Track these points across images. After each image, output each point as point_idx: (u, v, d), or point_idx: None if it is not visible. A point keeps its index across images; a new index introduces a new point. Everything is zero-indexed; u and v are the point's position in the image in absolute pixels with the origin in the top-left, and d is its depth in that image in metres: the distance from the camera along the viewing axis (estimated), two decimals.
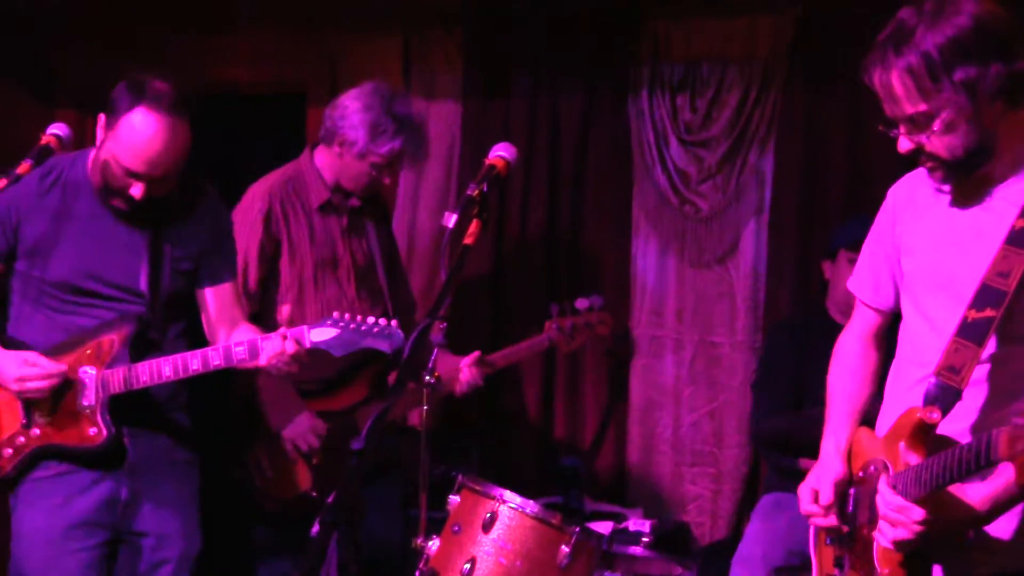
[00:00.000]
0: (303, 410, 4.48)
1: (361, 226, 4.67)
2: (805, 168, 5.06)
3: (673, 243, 5.24)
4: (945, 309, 2.81)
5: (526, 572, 3.74)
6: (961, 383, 2.69)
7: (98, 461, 3.79)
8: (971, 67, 2.61)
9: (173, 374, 3.65)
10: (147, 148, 3.60)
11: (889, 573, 2.72)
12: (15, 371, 3.69)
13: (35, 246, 3.79)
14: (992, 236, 2.75)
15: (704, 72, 5.16)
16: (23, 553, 3.82)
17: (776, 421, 4.47)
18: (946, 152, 2.72)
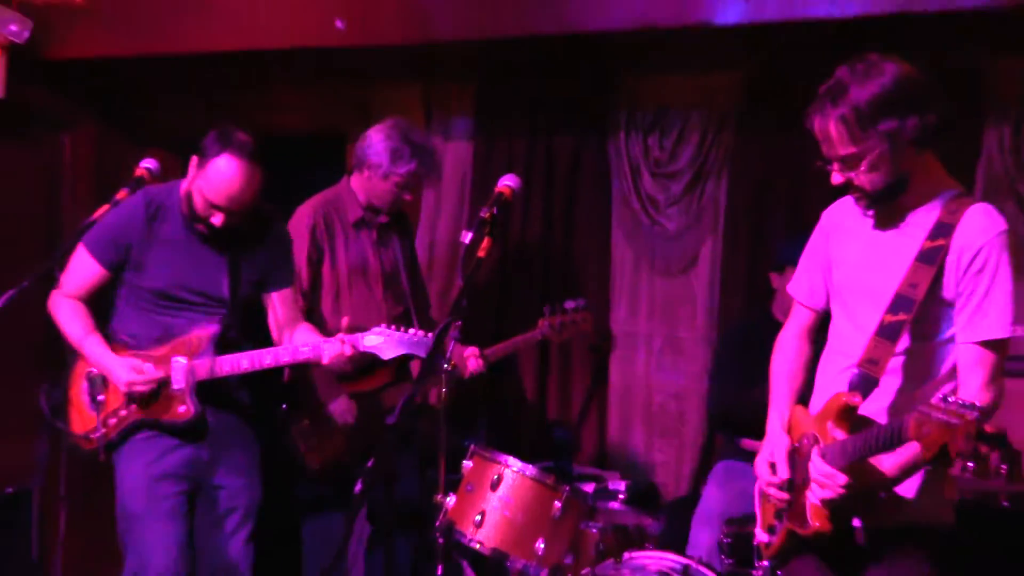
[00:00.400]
0: (342, 393, 4.53)
1: (388, 239, 4.74)
2: (752, 196, 5.10)
3: (645, 256, 5.30)
4: (866, 312, 2.88)
5: (526, 523, 3.80)
6: (879, 373, 2.77)
7: (186, 432, 3.89)
8: (892, 120, 2.70)
9: (250, 366, 3.81)
10: (228, 187, 3.73)
11: (819, 526, 2.80)
12: (126, 376, 3.82)
13: (139, 261, 3.90)
14: (905, 254, 2.82)
15: (670, 118, 5.20)
16: (126, 498, 3.92)
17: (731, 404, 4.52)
18: (870, 186, 2.79)
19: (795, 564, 3.03)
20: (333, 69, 5.47)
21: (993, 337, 2.76)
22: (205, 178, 3.76)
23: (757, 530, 3.14)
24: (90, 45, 5.14)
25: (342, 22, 4.67)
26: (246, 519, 4.04)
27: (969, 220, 2.78)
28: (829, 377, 3.01)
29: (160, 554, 3.85)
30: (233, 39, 4.90)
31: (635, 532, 4.11)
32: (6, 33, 4.86)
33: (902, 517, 2.86)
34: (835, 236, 3.07)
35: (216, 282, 3.91)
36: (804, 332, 3.23)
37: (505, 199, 3.16)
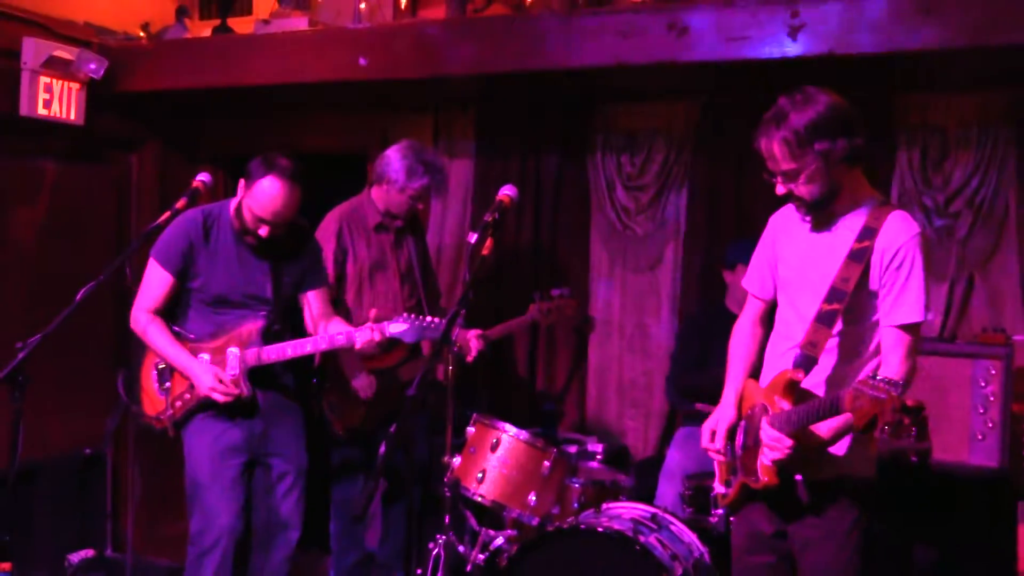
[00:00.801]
0: (364, 370, 4.52)
1: (403, 241, 4.73)
2: (707, 206, 5.07)
3: (618, 256, 5.25)
4: (806, 303, 2.90)
5: (520, 479, 3.82)
6: (818, 353, 2.79)
7: (238, 411, 3.89)
8: (825, 141, 2.73)
9: (293, 353, 3.82)
10: (272, 203, 3.74)
11: (768, 480, 2.83)
12: (207, 382, 3.81)
13: (197, 268, 3.89)
14: (837, 253, 2.84)
15: (639, 141, 5.16)
16: (195, 468, 3.94)
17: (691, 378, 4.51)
18: (808, 196, 2.82)
19: (747, 511, 3.05)
20: (357, 99, 5.44)
21: (909, 321, 2.80)
22: (252, 197, 3.77)
23: (716, 484, 3.15)
24: (155, 79, 5.14)
25: (365, 60, 4.65)
26: (297, 482, 4.05)
27: (890, 224, 2.82)
28: (776, 356, 3.02)
29: (223, 516, 3.88)
30: (274, 74, 4.87)
31: (610, 486, 4.12)
32: (87, 71, 4.86)
33: (834, 471, 2.89)
34: (780, 238, 3.08)
35: (262, 285, 3.93)
36: (756, 319, 3.23)
37: (505, 206, 3.17)
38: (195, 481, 3.92)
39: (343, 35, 4.78)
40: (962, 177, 4.51)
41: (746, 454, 2.94)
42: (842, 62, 4.00)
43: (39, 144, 5.02)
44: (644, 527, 3.58)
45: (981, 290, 4.52)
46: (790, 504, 2.92)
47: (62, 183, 5.17)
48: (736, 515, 3.10)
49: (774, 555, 3.00)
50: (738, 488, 2.99)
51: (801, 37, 3.98)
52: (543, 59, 4.37)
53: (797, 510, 2.92)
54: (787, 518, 2.95)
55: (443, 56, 4.54)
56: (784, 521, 2.96)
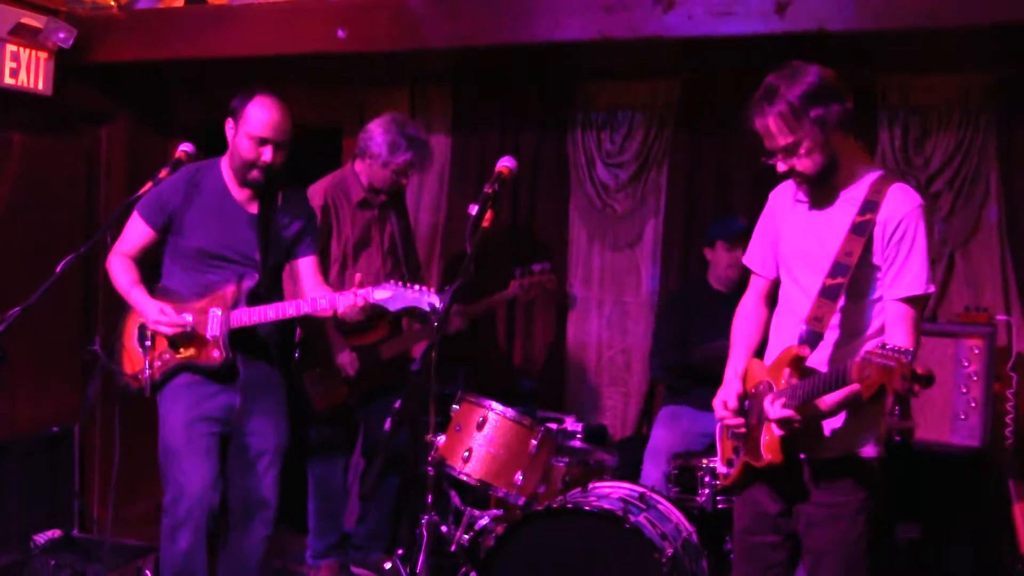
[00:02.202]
0: (346, 347, 4.44)
1: (386, 216, 4.65)
2: (687, 183, 5.03)
3: (597, 233, 5.21)
4: (809, 277, 2.86)
5: (507, 458, 3.76)
6: (823, 328, 2.75)
7: (218, 376, 3.76)
8: (820, 108, 2.71)
9: (275, 316, 3.64)
10: (270, 117, 3.65)
11: (772, 458, 2.79)
12: (153, 315, 3.69)
13: (181, 224, 3.77)
14: (839, 227, 2.81)
15: (619, 117, 5.11)
16: (168, 436, 3.81)
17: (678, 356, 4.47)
18: (810, 169, 2.79)
19: (749, 492, 3.01)
20: (333, 72, 5.32)
21: (913, 293, 2.78)
22: (247, 123, 3.66)
23: (717, 463, 3.10)
24: (125, 50, 4.97)
25: (344, 31, 4.53)
26: (275, 460, 3.92)
27: (892, 197, 2.79)
28: (781, 333, 2.98)
29: (195, 485, 3.76)
30: (250, 46, 4.74)
31: (595, 465, 4.08)
32: (55, 40, 4.69)
33: (839, 450, 2.86)
34: (780, 214, 3.05)
35: (248, 244, 3.77)
36: (760, 297, 3.18)
37: (504, 177, 3.09)
38: (168, 448, 3.80)
39: (321, 6, 4.65)
40: (943, 157, 4.50)
41: (750, 433, 2.90)
42: (826, 40, 3.96)
43: (5, 115, 4.86)
44: (633, 507, 3.55)
45: (961, 270, 4.53)
46: (795, 483, 2.89)
47: (30, 155, 5.02)
48: (738, 495, 3.06)
49: (778, 535, 2.96)
50: (741, 468, 2.95)
51: (788, 13, 3.93)
52: (526, 33, 4.29)
53: (802, 489, 2.89)
54: (792, 498, 2.92)
55: (423, 29, 4.44)
56: (788, 501, 2.93)
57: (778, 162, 2.82)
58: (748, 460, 2.89)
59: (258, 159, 3.67)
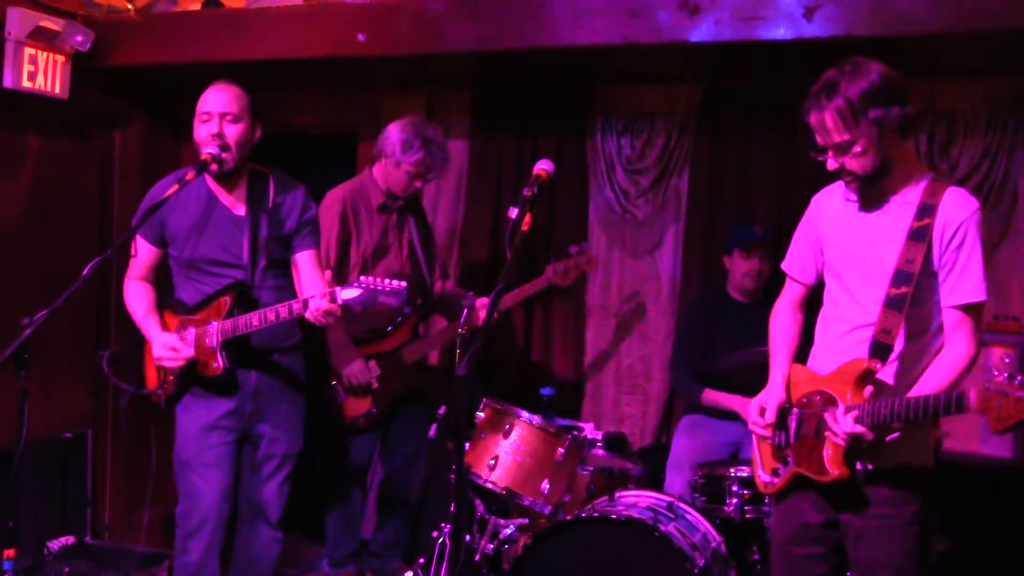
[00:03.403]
0: (358, 357, 4.39)
1: (405, 221, 4.60)
2: (708, 190, 4.97)
3: (617, 240, 5.15)
4: (860, 283, 2.81)
5: (533, 466, 3.71)
6: (893, 340, 2.70)
7: (223, 387, 3.71)
8: (879, 109, 2.63)
9: (259, 323, 3.55)
10: (209, 93, 3.65)
11: (839, 473, 2.72)
12: (158, 351, 3.67)
13: (174, 233, 3.73)
14: (894, 233, 2.76)
15: (640, 123, 5.06)
16: (181, 445, 3.78)
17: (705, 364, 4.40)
18: (860, 170, 2.72)
19: (791, 501, 2.93)
20: (349, 77, 5.27)
21: (972, 301, 2.72)
22: (196, 110, 3.67)
23: (759, 471, 3.01)
24: (141, 53, 4.94)
25: (364, 35, 4.49)
26: (282, 465, 3.87)
27: (948, 201, 2.73)
28: (831, 340, 2.90)
29: (206, 496, 3.73)
30: (267, 49, 4.70)
31: (619, 474, 4.01)
32: (73, 43, 4.66)
33: (892, 459, 2.78)
34: (824, 219, 2.98)
35: (238, 247, 3.71)
36: (796, 303, 3.13)
37: (542, 180, 3.01)
38: (181, 460, 3.78)
39: (341, 10, 4.61)
40: (970, 163, 4.45)
41: (803, 444, 2.83)
42: (853, 45, 3.91)
43: (22, 118, 4.83)
44: (662, 516, 3.48)
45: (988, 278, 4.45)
46: (843, 493, 2.81)
47: (45, 158, 4.99)
48: (779, 505, 2.98)
49: (821, 546, 2.89)
50: (789, 478, 2.87)
51: (817, 18, 3.88)
52: (549, 36, 4.25)
53: (852, 500, 2.81)
54: (840, 507, 2.84)
55: (445, 33, 4.40)
56: (836, 510, 2.85)
57: (829, 159, 2.76)
58: (805, 472, 2.81)
59: (209, 137, 3.61)
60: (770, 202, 4.82)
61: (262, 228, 3.72)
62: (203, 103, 3.66)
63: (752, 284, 4.43)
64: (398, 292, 3.34)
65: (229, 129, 3.62)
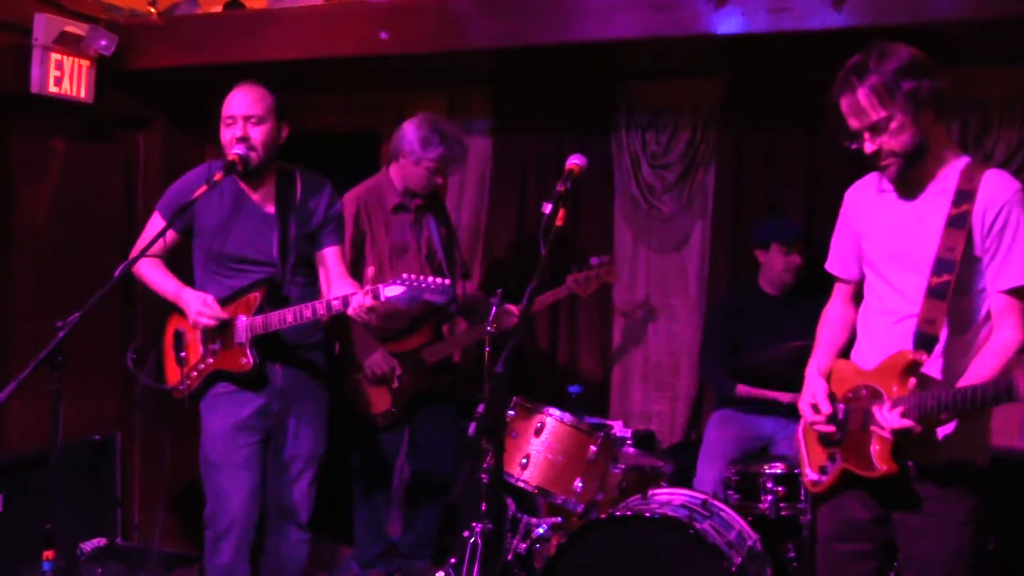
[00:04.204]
0: (377, 348, 4.37)
1: (424, 220, 4.56)
2: (735, 184, 4.92)
3: (643, 236, 5.11)
4: (903, 274, 2.75)
5: (566, 464, 3.68)
6: (937, 330, 2.64)
7: (251, 383, 3.69)
8: (913, 81, 2.62)
9: (293, 320, 3.53)
10: (231, 96, 3.64)
11: (887, 468, 2.65)
12: (196, 306, 3.63)
13: (202, 225, 3.73)
14: (932, 220, 2.70)
15: (664, 117, 5.01)
16: (207, 448, 3.76)
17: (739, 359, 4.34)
18: (900, 147, 2.67)
19: (842, 499, 2.86)
20: (371, 76, 5.25)
21: (1018, 284, 2.66)
22: (221, 113, 3.66)
23: (806, 470, 2.94)
24: (164, 56, 4.93)
25: (386, 34, 4.45)
26: (308, 466, 3.85)
27: (988, 184, 2.67)
28: (874, 333, 2.85)
29: (234, 498, 3.71)
30: (290, 49, 4.67)
31: (650, 472, 3.96)
32: (97, 47, 4.66)
33: (946, 456, 2.72)
34: (860, 212, 2.93)
35: (268, 245, 3.70)
36: (846, 301, 3.08)
37: (575, 175, 2.96)
38: (208, 460, 3.76)
39: (363, 8, 4.58)
40: (1006, 152, 4.37)
41: (849, 439, 2.77)
42: (883, 34, 3.82)
43: (48, 122, 4.83)
44: (697, 514, 3.43)
45: None
46: (895, 490, 2.74)
47: (71, 162, 4.99)
48: (826, 502, 2.92)
49: (870, 543, 2.83)
50: (837, 474, 2.81)
51: (845, 8, 3.82)
52: (573, 32, 4.20)
53: (906, 497, 2.74)
54: (890, 504, 2.78)
55: (468, 30, 4.36)
56: (886, 507, 2.79)
57: (865, 142, 2.71)
58: (853, 468, 2.76)
59: (234, 140, 3.61)
60: (798, 196, 4.77)
61: (291, 225, 3.72)
62: (227, 106, 3.66)
63: (792, 278, 4.38)
64: (443, 289, 3.30)
65: (254, 131, 3.61)
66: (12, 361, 4.57)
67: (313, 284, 3.80)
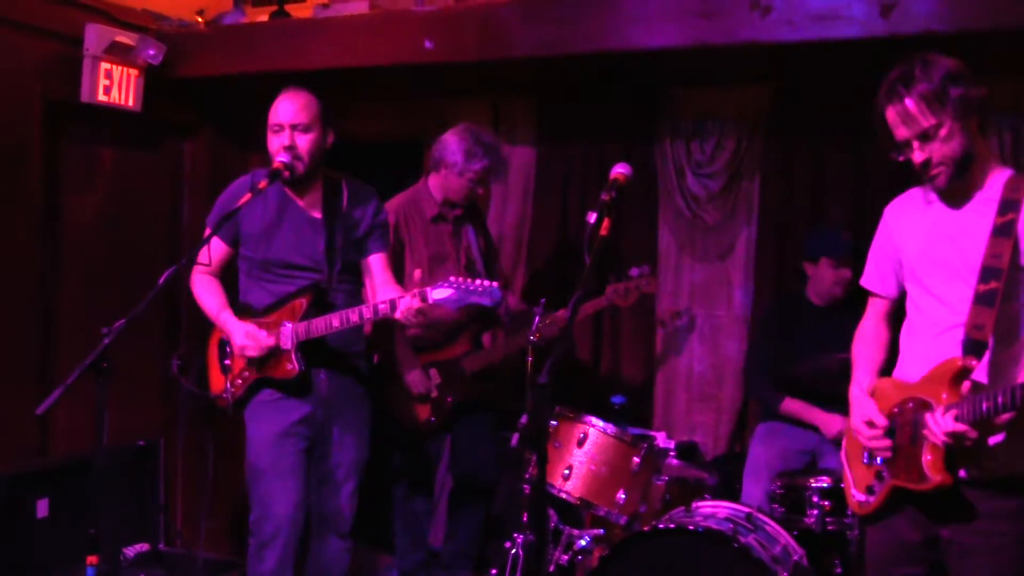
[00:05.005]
0: (417, 366, 4.37)
1: (462, 230, 4.56)
2: (780, 193, 4.89)
3: (687, 246, 5.07)
4: (947, 285, 2.71)
5: (608, 476, 3.66)
6: (986, 335, 2.59)
7: (296, 389, 3.69)
8: (960, 88, 2.61)
9: (340, 324, 3.53)
10: (279, 103, 3.63)
11: (941, 480, 2.60)
12: (240, 340, 3.64)
13: (247, 233, 3.73)
14: (978, 231, 2.66)
15: (709, 126, 4.97)
16: (253, 455, 3.76)
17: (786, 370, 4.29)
18: (951, 154, 2.64)
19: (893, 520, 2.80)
20: (415, 85, 5.26)
21: None
22: (268, 120, 3.66)
23: (852, 491, 2.89)
24: (211, 65, 4.98)
25: (431, 42, 4.46)
26: (351, 474, 3.84)
27: None
28: (919, 347, 2.80)
29: (280, 505, 3.70)
30: (335, 58, 4.70)
31: (694, 484, 3.93)
32: (146, 56, 4.74)
33: (1001, 468, 2.65)
34: (899, 227, 2.90)
35: (315, 250, 3.71)
36: (882, 318, 3.03)
37: (620, 184, 2.94)
38: (253, 468, 3.76)
39: (408, 17, 4.60)
40: None
41: (898, 455, 2.72)
42: (932, 42, 3.77)
43: (97, 131, 4.91)
44: (741, 527, 3.40)
45: None
46: (945, 507, 2.69)
47: (118, 170, 5.07)
48: (874, 524, 2.86)
49: (922, 565, 2.76)
50: (886, 493, 2.76)
51: (894, 15, 3.77)
52: (618, 40, 4.18)
53: (956, 514, 2.68)
54: (941, 521, 2.71)
55: (512, 38, 4.36)
56: (937, 526, 2.72)
57: (915, 151, 2.68)
58: (903, 484, 2.70)
59: (280, 149, 3.60)
60: (845, 206, 4.72)
61: (337, 232, 3.72)
62: (274, 114, 3.66)
63: (842, 292, 4.33)
64: (490, 292, 3.28)
65: (300, 139, 3.62)
66: (59, 367, 4.64)
67: (357, 291, 3.82)
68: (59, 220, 4.77)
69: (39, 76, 4.49)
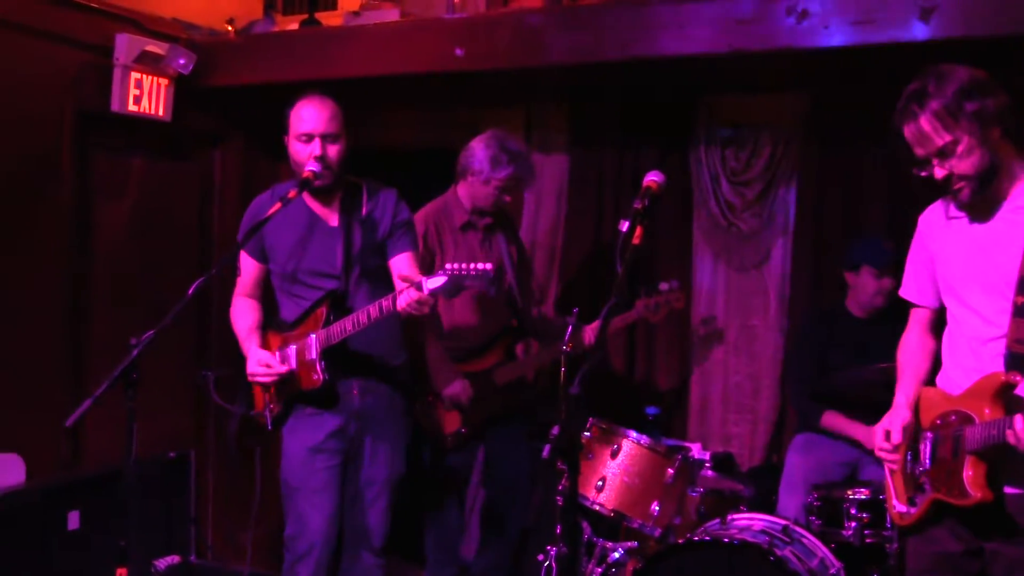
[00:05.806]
0: (458, 376, 4.38)
1: (493, 238, 4.58)
2: (816, 201, 4.88)
3: (722, 254, 5.08)
4: (981, 297, 2.70)
5: (642, 487, 3.67)
6: None
7: (327, 402, 3.71)
8: (976, 101, 2.58)
9: (353, 328, 3.53)
10: (308, 111, 3.62)
11: (982, 496, 2.59)
12: (251, 368, 3.71)
13: (271, 247, 3.78)
14: (1010, 240, 2.65)
15: (745, 133, 4.98)
16: (288, 468, 3.81)
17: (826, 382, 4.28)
18: (972, 169, 2.63)
19: (933, 531, 2.79)
20: (446, 92, 5.30)
21: None
22: (291, 125, 3.67)
23: (893, 501, 2.89)
24: (243, 73, 5.05)
25: (462, 50, 4.49)
26: (384, 490, 3.84)
27: None
28: (960, 359, 2.79)
29: (313, 522, 3.74)
30: (365, 66, 4.75)
31: (729, 496, 3.93)
32: (176, 66, 4.81)
33: None
34: (934, 237, 2.89)
35: (333, 258, 3.73)
36: (925, 328, 3.02)
37: (653, 192, 2.95)
38: (288, 483, 3.80)
39: (439, 25, 4.65)
40: None
41: (940, 468, 2.72)
42: (971, 46, 3.78)
43: (127, 140, 4.97)
44: (778, 540, 3.39)
45: None
46: (989, 519, 2.67)
47: (148, 179, 5.13)
48: (915, 535, 2.85)
49: None
50: (927, 505, 2.75)
51: (933, 19, 3.76)
52: (652, 47, 4.19)
53: (1000, 526, 2.66)
54: (985, 535, 2.71)
55: (544, 45, 4.38)
56: (980, 538, 2.72)
57: (935, 168, 2.67)
58: (944, 498, 2.70)
59: (311, 158, 3.61)
60: (882, 214, 4.71)
61: (355, 237, 3.75)
62: (301, 122, 3.65)
63: (883, 302, 4.31)
64: (483, 274, 3.27)
65: (331, 149, 3.65)
66: (90, 378, 4.69)
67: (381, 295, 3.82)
68: (89, 230, 4.83)
69: (70, 86, 4.57)
